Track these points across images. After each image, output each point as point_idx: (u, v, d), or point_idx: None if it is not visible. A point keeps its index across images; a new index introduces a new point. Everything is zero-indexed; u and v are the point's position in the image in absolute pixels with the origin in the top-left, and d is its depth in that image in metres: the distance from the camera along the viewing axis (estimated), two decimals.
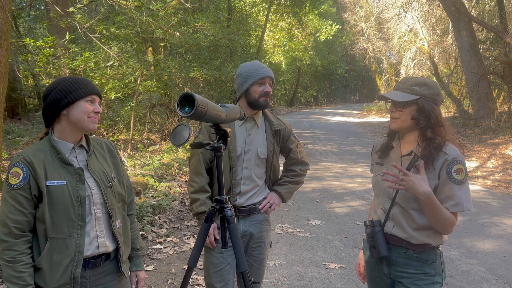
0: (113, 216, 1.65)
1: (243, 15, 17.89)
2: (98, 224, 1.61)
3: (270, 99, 2.14)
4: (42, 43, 6.28)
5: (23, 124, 13.55)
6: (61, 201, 1.51)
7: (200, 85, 11.14)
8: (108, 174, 1.67)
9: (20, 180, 1.48)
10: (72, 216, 1.52)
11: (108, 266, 1.68)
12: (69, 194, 1.52)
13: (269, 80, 2.14)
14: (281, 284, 3.46)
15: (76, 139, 1.61)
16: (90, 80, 1.66)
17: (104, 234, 1.63)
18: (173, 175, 7.02)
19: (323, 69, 37.21)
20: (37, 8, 17.74)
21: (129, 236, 1.79)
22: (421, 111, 1.68)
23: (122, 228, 1.72)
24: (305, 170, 2.38)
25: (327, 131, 16.01)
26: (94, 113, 1.59)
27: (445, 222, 1.63)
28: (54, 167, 1.54)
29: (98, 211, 1.61)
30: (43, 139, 1.61)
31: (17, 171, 1.49)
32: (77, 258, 1.53)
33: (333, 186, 7.02)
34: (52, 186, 1.50)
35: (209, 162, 2.15)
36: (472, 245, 4.40)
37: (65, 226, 1.52)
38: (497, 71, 12.42)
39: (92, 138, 1.73)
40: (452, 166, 1.63)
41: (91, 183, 1.60)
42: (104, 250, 1.63)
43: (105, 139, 1.83)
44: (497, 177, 7.81)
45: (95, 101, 1.61)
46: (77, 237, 1.54)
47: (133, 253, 1.85)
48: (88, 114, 1.57)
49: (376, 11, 22.13)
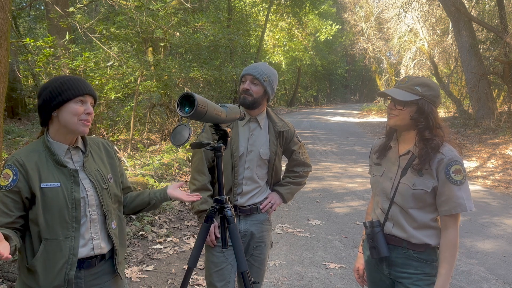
0: (109, 218, 1.64)
1: (243, 15, 17.89)
2: (93, 226, 1.59)
3: (251, 97, 2.09)
4: (42, 43, 6.28)
5: (23, 124, 13.55)
6: (55, 203, 1.49)
7: (200, 85, 11.15)
8: (104, 175, 1.65)
9: (9, 182, 1.46)
10: (67, 218, 1.51)
11: (104, 267, 1.66)
12: (63, 196, 1.50)
13: (249, 78, 2.11)
14: (281, 284, 3.46)
15: (71, 140, 1.58)
16: (84, 79, 1.59)
17: (99, 236, 1.61)
18: (173, 175, 7.02)
19: (323, 69, 37.20)
20: (37, 8, 17.74)
21: (125, 237, 1.77)
22: (421, 112, 1.68)
23: (118, 229, 1.70)
24: (307, 172, 2.38)
25: (327, 131, 16.00)
26: (86, 114, 1.53)
27: (455, 255, 1.68)
28: (49, 169, 1.51)
29: (93, 213, 1.59)
30: (38, 140, 1.58)
31: (8, 172, 1.47)
32: (71, 260, 1.52)
33: (333, 186, 7.02)
34: (46, 188, 1.48)
35: (211, 160, 2.15)
36: (472, 245, 4.40)
37: (59, 228, 1.50)
38: (497, 71, 12.42)
39: (89, 138, 1.70)
40: (450, 167, 1.64)
41: (86, 185, 1.58)
42: (99, 252, 1.61)
43: (102, 139, 1.80)
44: (497, 177, 7.81)
45: (86, 102, 1.54)
46: (71, 239, 1.52)
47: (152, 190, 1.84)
48: (78, 116, 1.51)
49: (376, 11, 22.12)
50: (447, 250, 1.66)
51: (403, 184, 1.73)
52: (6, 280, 3.13)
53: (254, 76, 2.09)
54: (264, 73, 2.12)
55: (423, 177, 1.68)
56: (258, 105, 2.14)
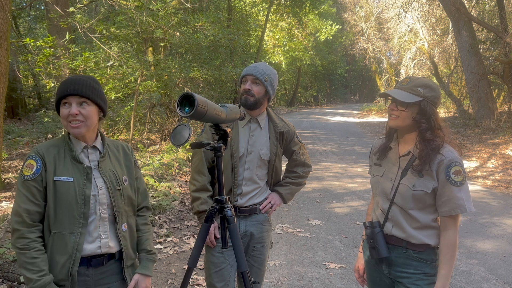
0: (119, 219, 1.65)
1: (243, 15, 17.89)
2: (102, 224, 1.61)
3: (253, 97, 2.09)
4: (42, 43, 6.28)
5: (23, 124, 13.55)
6: (65, 198, 1.52)
7: (200, 85, 11.14)
8: (119, 177, 1.67)
9: (34, 172, 1.52)
10: (75, 213, 1.53)
11: (113, 266, 1.67)
12: (74, 191, 1.53)
13: (250, 78, 2.10)
14: (281, 284, 3.46)
15: (85, 139, 1.61)
16: (73, 78, 1.55)
17: (108, 235, 1.62)
18: (173, 175, 7.02)
19: (323, 69, 37.18)
20: (37, 8, 17.74)
21: (135, 242, 1.76)
22: (423, 113, 1.68)
23: (129, 233, 1.70)
24: (307, 172, 2.38)
25: (327, 131, 16.00)
26: (72, 116, 1.51)
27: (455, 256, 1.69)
28: (65, 164, 1.56)
29: (103, 212, 1.61)
30: (61, 136, 1.65)
31: (31, 163, 1.53)
32: (75, 256, 1.54)
33: (333, 186, 7.02)
34: (59, 182, 1.53)
35: (211, 161, 2.15)
36: (472, 245, 4.40)
37: (67, 223, 1.53)
38: (497, 71, 12.42)
39: (109, 140, 1.73)
40: (450, 168, 1.64)
41: (99, 183, 1.60)
42: (107, 251, 1.62)
43: (123, 142, 1.83)
44: (497, 177, 7.81)
45: (70, 104, 1.52)
46: (77, 235, 1.54)
47: (143, 255, 1.77)
48: (66, 119, 1.53)
49: (376, 11, 22.12)
50: (447, 251, 1.66)
51: (403, 185, 1.73)
52: (6, 280, 3.13)
53: (255, 76, 2.09)
54: (265, 73, 2.11)
55: (423, 178, 1.68)
56: (259, 105, 2.14)
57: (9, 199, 5.19)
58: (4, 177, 5.98)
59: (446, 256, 1.66)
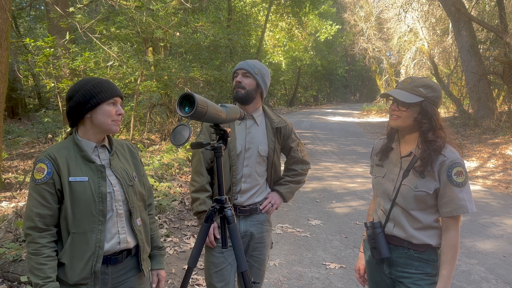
0: (134, 214, 1.68)
1: (243, 15, 17.90)
2: (119, 220, 1.64)
3: (244, 89, 2.11)
4: (42, 43, 6.29)
5: (23, 124, 13.56)
6: (82, 197, 1.54)
7: (200, 85, 11.14)
8: (129, 174, 1.71)
9: (45, 175, 1.53)
10: (93, 211, 1.56)
11: (130, 262, 1.71)
12: (90, 190, 1.56)
13: (241, 72, 2.14)
14: (281, 284, 3.46)
15: (99, 139, 1.65)
16: (111, 81, 1.67)
17: (126, 231, 1.66)
18: (173, 175, 7.02)
19: (323, 69, 37.18)
20: (37, 8, 17.74)
21: (149, 235, 1.82)
22: (424, 113, 1.68)
23: (143, 227, 1.75)
24: (306, 169, 2.37)
25: (327, 131, 16.00)
26: (117, 115, 1.62)
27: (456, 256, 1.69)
28: (77, 164, 1.58)
29: (119, 208, 1.64)
30: (67, 138, 1.66)
31: (42, 166, 1.54)
32: (98, 253, 1.57)
33: (333, 186, 7.02)
34: (74, 182, 1.55)
35: (210, 161, 2.15)
36: (472, 245, 4.40)
37: (86, 222, 1.55)
38: (497, 71, 12.42)
39: (114, 139, 1.77)
40: (452, 169, 1.64)
41: (113, 181, 1.63)
42: (125, 246, 1.66)
43: (126, 141, 1.87)
44: (497, 177, 7.81)
45: (117, 103, 1.63)
46: (97, 232, 1.57)
47: (155, 251, 1.88)
48: (111, 117, 1.60)
49: (376, 11, 22.12)
50: (449, 252, 1.66)
51: (405, 185, 1.73)
52: (6, 280, 3.13)
53: (245, 69, 2.12)
54: (255, 66, 2.15)
55: (425, 179, 1.68)
56: (251, 99, 2.14)
57: (9, 199, 5.19)
58: (4, 177, 5.98)
59: (447, 257, 1.66)
